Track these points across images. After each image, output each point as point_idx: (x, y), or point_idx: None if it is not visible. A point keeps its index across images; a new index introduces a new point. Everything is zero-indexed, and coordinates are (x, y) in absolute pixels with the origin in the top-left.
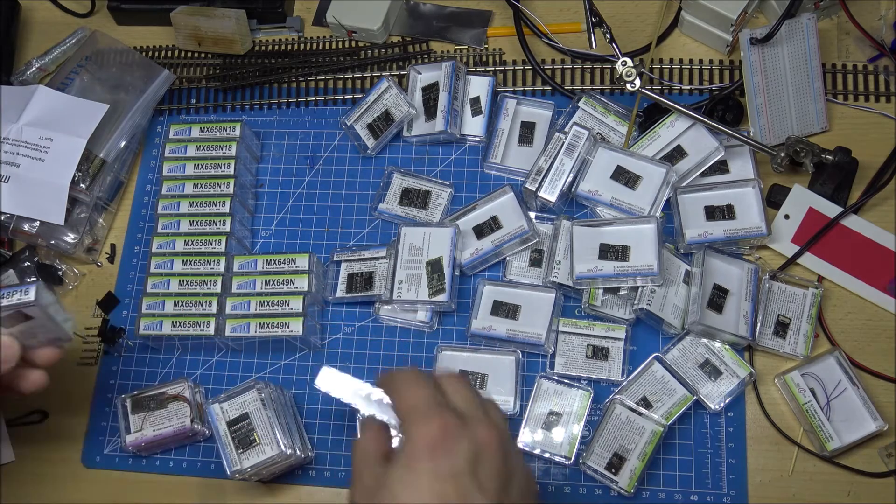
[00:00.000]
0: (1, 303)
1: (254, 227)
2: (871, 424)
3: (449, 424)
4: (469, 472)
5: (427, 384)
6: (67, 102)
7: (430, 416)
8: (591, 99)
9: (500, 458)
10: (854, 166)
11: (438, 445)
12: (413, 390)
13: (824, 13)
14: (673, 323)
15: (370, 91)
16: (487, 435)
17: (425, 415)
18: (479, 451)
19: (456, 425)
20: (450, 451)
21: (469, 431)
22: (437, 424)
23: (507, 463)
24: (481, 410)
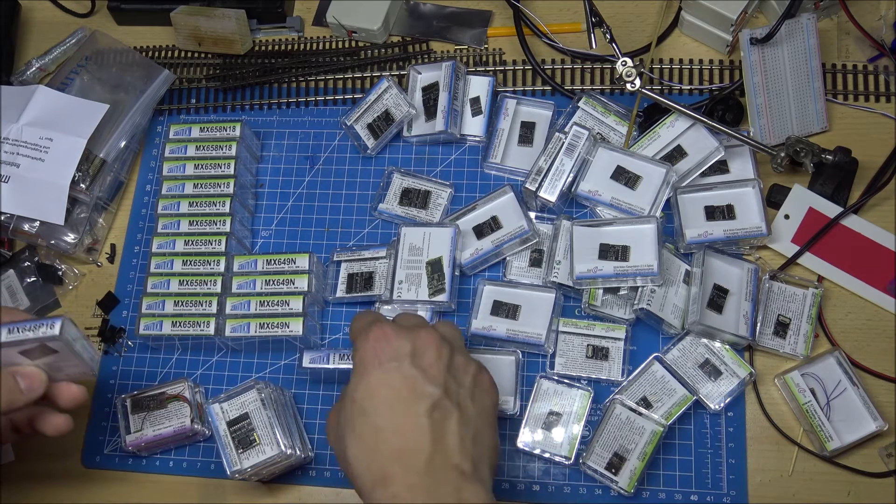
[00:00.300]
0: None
1: (254, 227)
2: (871, 424)
3: (387, 330)
4: (411, 362)
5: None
6: (67, 102)
7: (370, 330)
8: (591, 99)
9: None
10: (854, 166)
11: (379, 348)
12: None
13: (824, 13)
14: (673, 323)
15: (370, 91)
16: (426, 335)
17: (366, 331)
18: (419, 347)
19: (394, 330)
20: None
21: (408, 334)
22: (376, 332)
23: (452, 357)
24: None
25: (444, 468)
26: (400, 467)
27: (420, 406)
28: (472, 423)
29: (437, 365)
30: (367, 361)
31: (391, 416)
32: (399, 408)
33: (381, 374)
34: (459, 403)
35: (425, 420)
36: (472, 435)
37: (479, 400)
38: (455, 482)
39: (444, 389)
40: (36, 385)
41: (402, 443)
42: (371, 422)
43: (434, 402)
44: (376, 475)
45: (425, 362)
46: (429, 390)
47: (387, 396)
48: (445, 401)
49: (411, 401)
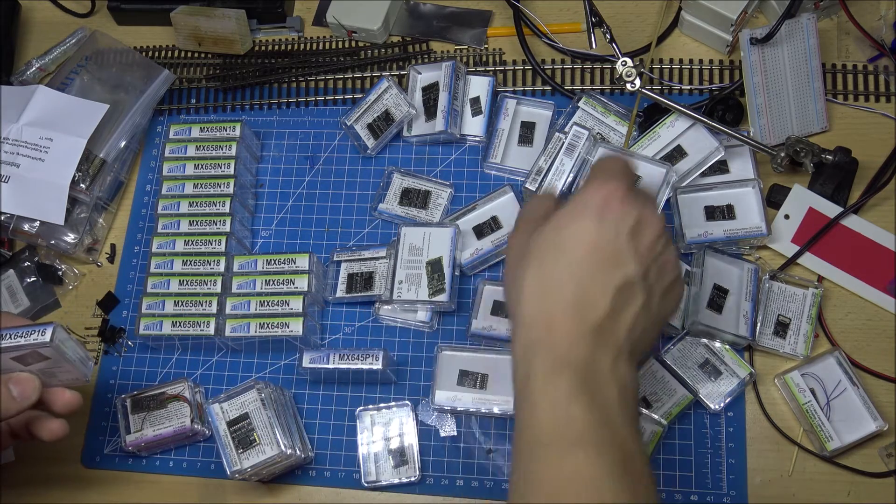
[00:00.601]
0: (16, 341)
1: (254, 227)
2: (871, 424)
3: (624, 191)
4: (629, 232)
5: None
6: (67, 102)
7: (609, 179)
8: (591, 99)
9: (659, 240)
10: (854, 166)
11: (609, 201)
12: (609, 161)
13: (824, 13)
14: (673, 323)
15: (370, 91)
16: (654, 217)
17: (605, 178)
18: (643, 224)
19: (630, 195)
20: (618, 209)
21: (641, 206)
22: (610, 188)
23: (665, 249)
24: (652, 202)
25: (611, 339)
26: (570, 318)
27: (615, 276)
28: (650, 316)
29: (649, 249)
30: (590, 207)
31: (584, 268)
32: (595, 266)
33: (597, 226)
34: (649, 292)
35: (612, 290)
36: (644, 327)
37: (665, 301)
38: (616, 355)
39: (643, 273)
40: (29, 392)
41: (582, 298)
42: (563, 262)
43: (628, 279)
44: (544, 314)
45: (640, 240)
46: (630, 267)
47: (590, 249)
48: (639, 284)
49: (610, 267)
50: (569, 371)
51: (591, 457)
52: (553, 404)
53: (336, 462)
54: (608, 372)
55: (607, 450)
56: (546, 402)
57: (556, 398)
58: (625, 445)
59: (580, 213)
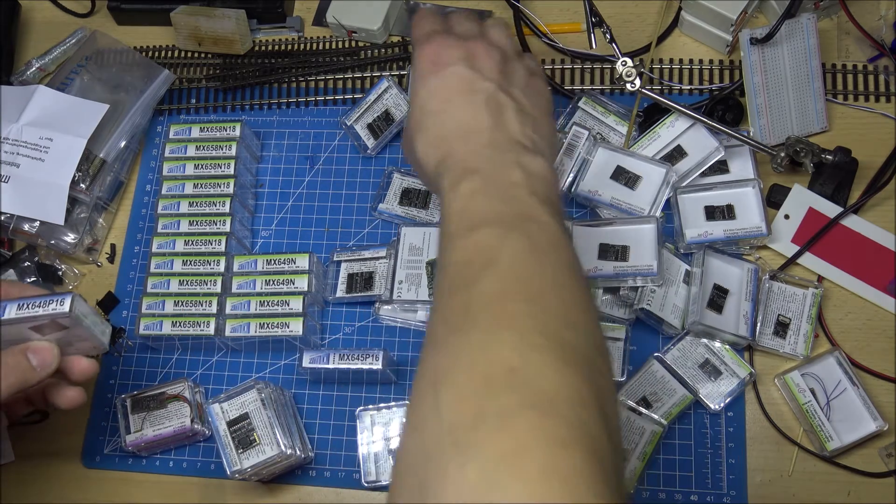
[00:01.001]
0: (35, 311)
1: (254, 227)
2: (871, 424)
3: (441, 41)
4: (466, 65)
5: (430, 20)
6: (67, 102)
7: (426, 41)
8: (591, 99)
9: (493, 56)
10: (854, 166)
11: (435, 56)
12: (419, 27)
13: (824, 13)
14: (673, 323)
15: (370, 91)
16: (479, 42)
17: (423, 42)
18: (472, 53)
19: (448, 41)
20: (446, 56)
21: (462, 43)
22: (431, 44)
23: (504, 62)
24: (478, 31)
25: (505, 142)
26: (462, 143)
27: (478, 98)
28: (529, 113)
29: (489, 66)
30: (424, 70)
31: (451, 107)
32: (458, 102)
33: (439, 78)
34: (514, 97)
35: (483, 107)
36: (532, 122)
37: (533, 98)
38: (516, 151)
39: (498, 85)
40: (48, 361)
41: (463, 125)
42: (433, 116)
43: (489, 94)
44: (442, 154)
45: (478, 65)
46: (484, 85)
47: (446, 94)
48: (501, 94)
49: (469, 94)
50: (471, 175)
51: (497, 231)
52: (459, 202)
53: (336, 462)
54: (511, 164)
55: (518, 224)
56: (454, 205)
57: (461, 197)
58: (542, 222)
59: (421, 80)
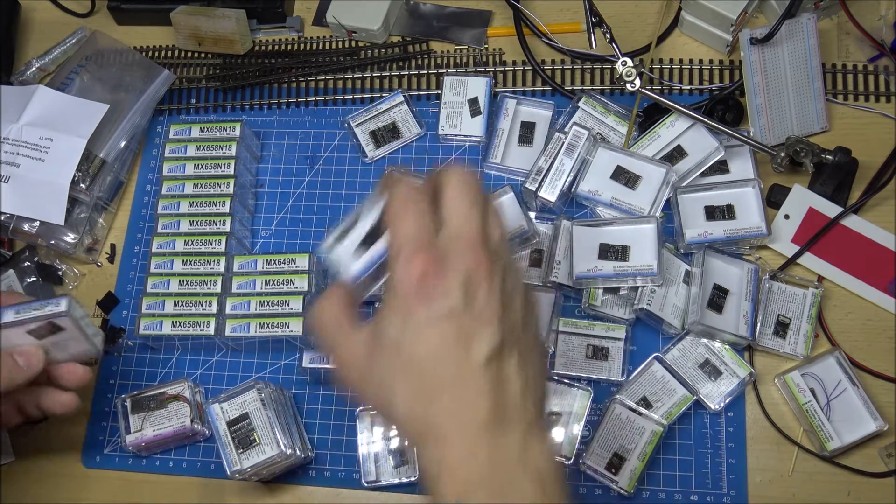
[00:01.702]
0: (32, 313)
1: (254, 227)
2: (871, 424)
3: (433, 266)
4: (464, 302)
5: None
6: (67, 102)
7: (409, 261)
8: (591, 99)
9: (494, 279)
10: (854, 166)
11: (424, 290)
12: (397, 221)
13: (824, 13)
14: (673, 323)
15: (383, 100)
16: (476, 264)
17: (405, 262)
18: (471, 278)
19: (441, 266)
20: (437, 293)
21: (456, 264)
22: (417, 269)
23: (504, 280)
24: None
25: (508, 420)
26: (459, 426)
27: (477, 356)
28: (529, 357)
29: (491, 300)
30: (410, 299)
31: (446, 370)
32: (454, 361)
33: (430, 324)
34: (516, 339)
35: (484, 372)
36: (532, 373)
37: (530, 325)
38: (520, 437)
39: (501, 331)
40: (34, 362)
41: (460, 398)
42: (422, 374)
43: (492, 348)
44: (432, 431)
45: (479, 302)
46: (486, 336)
47: (439, 348)
48: (504, 345)
49: (468, 352)
50: (474, 494)
51: None
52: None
53: (336, 462)
54: (518, 469)
55: None
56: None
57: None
58: None
59: (405, 310)
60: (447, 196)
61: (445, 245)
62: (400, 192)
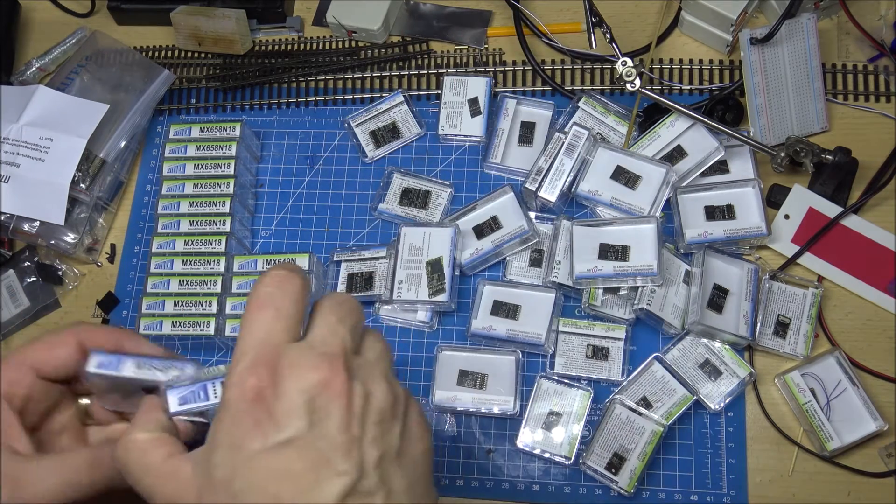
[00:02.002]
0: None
1: (254, 227)
2: (871, 424)
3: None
4: (309, 431)
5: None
6: (67, 102)
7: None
8: (591, 99)
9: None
10: (854, 166)
11: (259, 412)
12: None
13: (824, 13)
14: (673, 323)
15: (383, 100)
16: (328, 379)
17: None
18: (319, 402)
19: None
20: (277, 414)
21: (298, 383)
22: (252, 386)
23: (367, 403)
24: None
25: None
26: None
27: (327, 495)
28: (403, 499)
29: (348, 426)
30: (242, 425)
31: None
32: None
33: (266, 454)
34: (383, 478)
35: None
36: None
37: (410, 457)
38: None
39: (359, 465)
40: None
41: None
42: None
43: (347, 486)
44: None
45: (331, 426)
46: (339, 469)
47: (277, 488)
48: (363, 482)
49: (312, 490)
50: None
51: None
52: None
53: None
54: None
55: None
56: None
57: None
58: None
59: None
60: (317, 310)
61: (294, 357)
62: (267, 280)
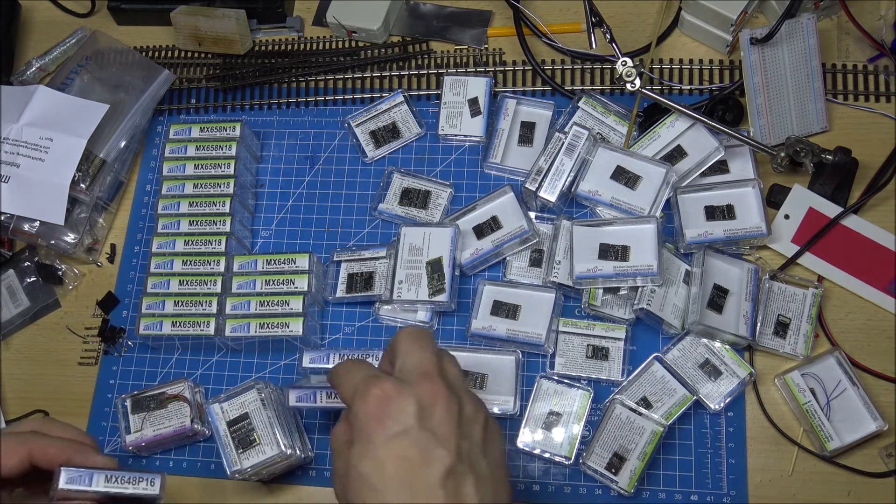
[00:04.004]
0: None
1: (254, 227)
2: (871, 424)
3: (387, 389)
4: (419, 425)
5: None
6: (67, 102)
7: (366, 391)
8: (591, 99)
9: (451, 407)
10: (854, 166)
11: (381, 412)
12: (347, 377)
13: (824, 13)
14: (673, 323)
15: (383, 100)
16: (432, 388)
17: (362, 393)
18: (425, 405)
19: (395, 388)
20: (394, 412)
21: (411, 390)
22: (374, 395)
23: (461, 410)
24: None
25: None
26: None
27: (432, 474)
28: (488, 481)
29: (447, 423)
30: (369, 428)
31: (403, 491)
32: (411, 481)
33: (388, 445)
34: (473, 464)
35: (440, 492)
36: (492, 494)
37: (491, 452)
38: None
39: (456, 452)
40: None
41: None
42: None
43: (447, 468)
44: None
45: (434, 422)
46: (440, 455)
47: (396, 470)
48: (459, 465)
49: (423, 471)
50: None
51: None
52: None
53: None
54: None
55: None
56: None
57: None
58: None
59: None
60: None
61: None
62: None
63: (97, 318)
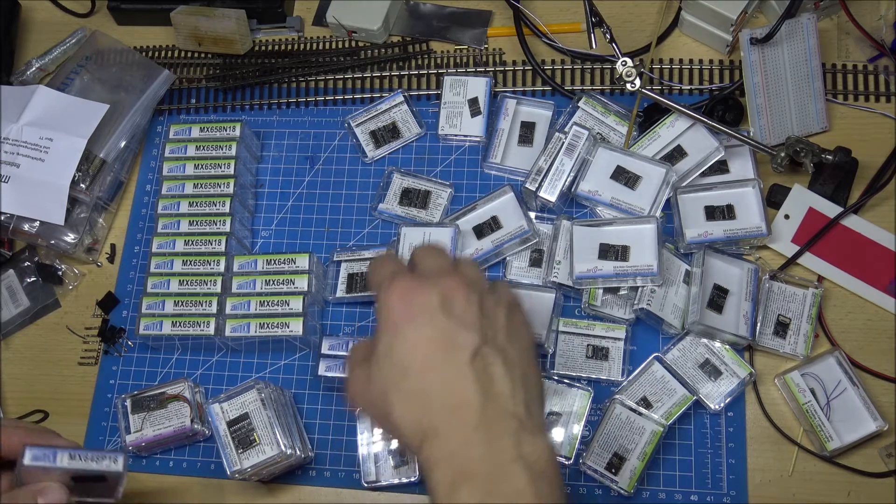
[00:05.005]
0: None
1: (254, 227)
2: (871, 424)
3: (411, 283)
4: (443, 312)
5: (391, 262)
6: (67, 102)
7: (392, 283)
8: (591, 99)
9: (471, 297)
10: (854, 166)
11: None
12: (378, 271)
13: (824, 13)
14: (673, 323)
15: (383, 100)
16: (451, 282)
17: (387, 287)
18: (447, 295)
19: (418, 282)
20: (418, 302)
21: (433, 283)
22: (399, 286)
23: (482, 300)
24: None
25: (499, 418)
26: (452, 423)
27: (461, 356)
28: (517, 364)
29: (469, 310)
30: (396, 317)
31: (434, 371)
32: (440, 362)
33: (415, 330)
34: (499, 346)
35: (469, 371)
36: (521, 376)
37: (517, 339)
38: (513, 432)
39: (481, 335)
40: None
41: (450, 398)
42: (415, 380)
43: (474, 349)
44: (428, 432)
45: (457, 310)
46: (467, 338)
47: (425, 352)
48: (485, 347)
49: (451, 352)
50: (467, 484)
51: None
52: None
53: (336, 462)
54: (510, 461)
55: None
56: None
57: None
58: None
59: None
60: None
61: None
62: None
63: (97, 318)
